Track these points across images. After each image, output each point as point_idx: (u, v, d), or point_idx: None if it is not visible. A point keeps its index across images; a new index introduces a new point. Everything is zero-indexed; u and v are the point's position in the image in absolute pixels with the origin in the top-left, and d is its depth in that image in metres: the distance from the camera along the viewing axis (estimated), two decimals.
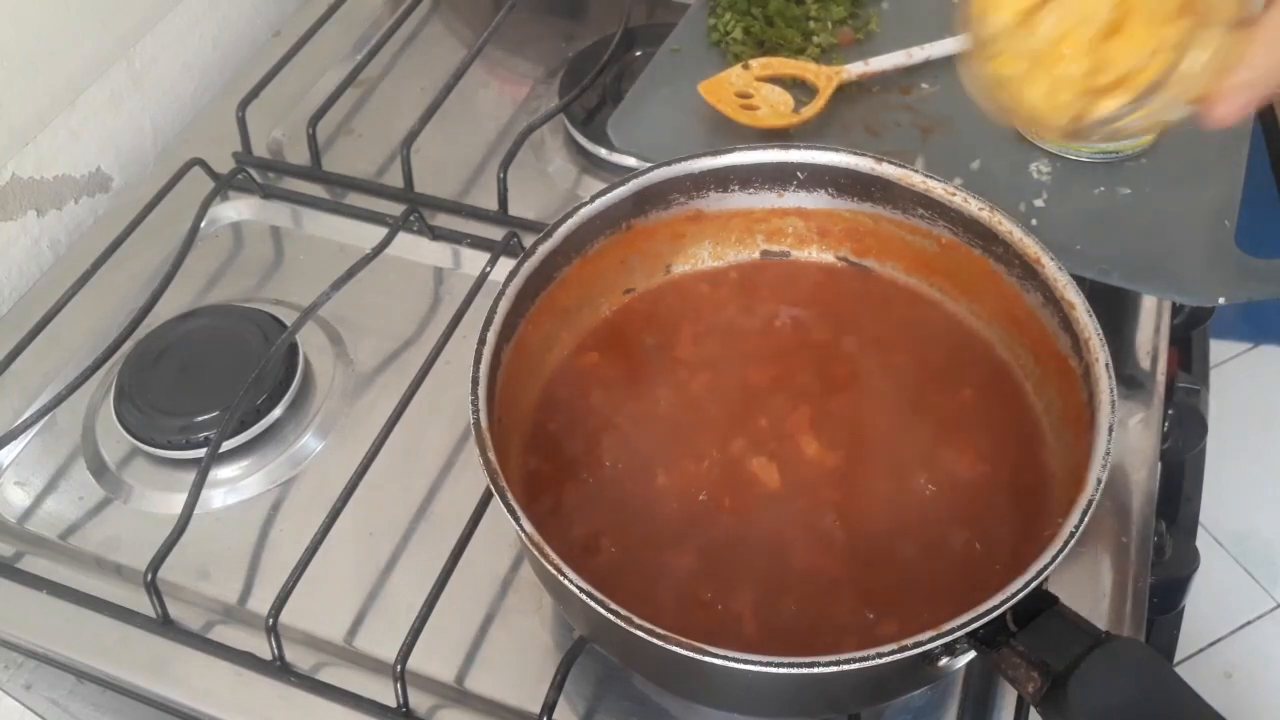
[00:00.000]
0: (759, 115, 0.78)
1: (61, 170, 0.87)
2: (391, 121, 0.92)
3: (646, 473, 0.59)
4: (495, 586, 0.65)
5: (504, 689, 0.62)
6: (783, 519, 0.58)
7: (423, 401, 0.70)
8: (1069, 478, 0.54)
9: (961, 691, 0.61)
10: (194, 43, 0.97)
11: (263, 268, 0.84)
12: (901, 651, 0.46)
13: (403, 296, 0.80)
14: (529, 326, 0.61)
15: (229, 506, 0.70)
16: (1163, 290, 0.70)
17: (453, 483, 0.70)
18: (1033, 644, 0.47)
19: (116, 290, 0.81)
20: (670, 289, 0.68)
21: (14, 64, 0.81)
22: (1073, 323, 0.57)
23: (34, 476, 0.73)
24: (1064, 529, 0.49)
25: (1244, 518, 1.67)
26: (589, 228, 0.63)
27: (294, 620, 0.63)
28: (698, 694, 0.58)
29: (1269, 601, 1.61)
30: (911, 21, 0.86)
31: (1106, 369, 0.54)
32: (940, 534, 0.57)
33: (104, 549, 0.69)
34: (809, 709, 0.57)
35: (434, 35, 1.01)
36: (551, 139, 0.90)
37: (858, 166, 0.64)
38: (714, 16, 0.87)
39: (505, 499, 0.51)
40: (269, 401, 0.72)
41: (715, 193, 0.66)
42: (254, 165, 0.88)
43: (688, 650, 0.46)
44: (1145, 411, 0.71)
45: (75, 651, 0.64)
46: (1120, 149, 0.76)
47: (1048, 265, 0.59)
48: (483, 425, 0.53)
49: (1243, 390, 1.78)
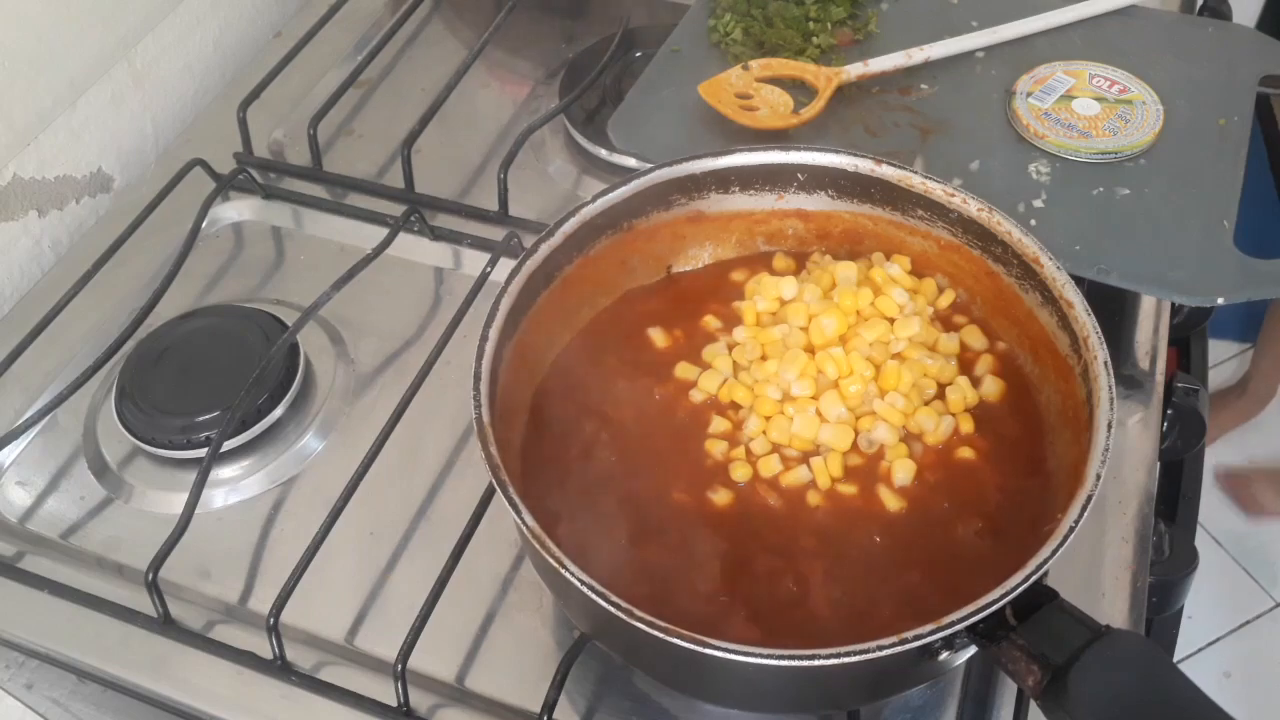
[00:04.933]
0: (758, 116, 0.78)
1: (63, 170, 0.87)
2: (392, 122, 0.92)
3: (647, 469, 0.59)
4: (496, 586, 0.66)
5: (505, 688, 0.62)
6: (784, 512, 0.58)
7: (423, 401, 0.70)
8: (1068, 475, 0.55)
9: (961, 690, 0.61)
10: (195, 43, 0.97)
11: (264, 268, 0.84)
12: (902, 645, 0.46)
13: (403, 297, 0.81)
14: (530, 325, 0.61)
15: (230, 506, 0.70)
16: (1162, 290, 0.70)
17: (453, 482, 0.70)
18: (1032, 638, 0.47)
19: (118, 290, 0.81)
20: (670, 287, 0.68)
21: (15, 64, 0.81)
22: (1071, 321, 0.57)
23: (35, 476, 0.73)
24: (1063, 524, 0.49)
25: (1243, 518, 1.67)
26: (590, 227, 0.63)
27: (295, 620, 0.64)
28: (700, 689, 0.58)
29: (1268, 601, 1.62)
30: (911, 22, 0.87)
31: (1105, 367, 0.54)
32: (939, 529, 0.57)
33: (105, 549, 0.69)
34: (809, 704, 0.57)
35: (434, 36, 1.01)
36: (552, 139, 0.90)
37: (858, 168, 0.64)
38: (714, 17, 0.87)
39: (507, 493, 0.51)
40: (270, 401, 0.72)
41: (716, 194, 0.66)
42: (255, 166, 0.88)
43: (690, 644, 0.47)
44: (1144, 411, 0.71)
45: (76, 651, 0.65)
46: (1120, 149, 0.76)
47: (1046, 265, 0.59)
48: (485, 421, 0.53)
49: None
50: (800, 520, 0.57)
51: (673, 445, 0.61)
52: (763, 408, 0.60)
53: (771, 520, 0.58)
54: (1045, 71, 0.82)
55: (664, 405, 0.62)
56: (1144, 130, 0.77)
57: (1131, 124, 0.78)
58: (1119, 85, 0.80)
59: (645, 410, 0.62)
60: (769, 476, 0.59)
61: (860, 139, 0.79)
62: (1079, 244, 0.71)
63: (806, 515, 0.58)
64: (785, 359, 0.61)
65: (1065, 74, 0.81)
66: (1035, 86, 0.81)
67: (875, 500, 0.58)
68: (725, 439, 0.60)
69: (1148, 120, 0.78)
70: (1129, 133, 0.77)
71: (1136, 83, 0.81)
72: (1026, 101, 0.79)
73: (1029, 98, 0.80)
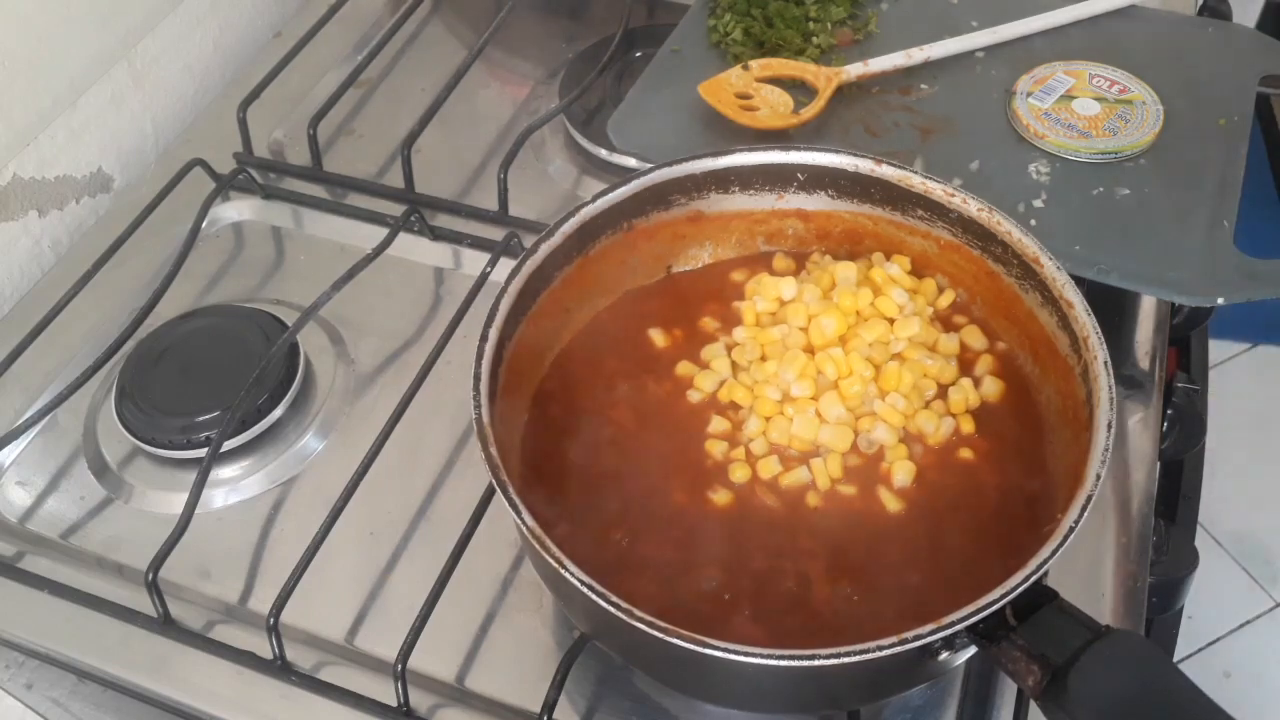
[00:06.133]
0: (759, 116, 0.78)
1: (63, 170, 0.87)
2: (392, 122, 0.92)
3: (647, 469, 0.59)
4: (496, 586, 0.66)
5: (504, 688, 0.62)
6: (784, 513, 0.58)
7: (423, 401, 0.70)
8: (1068, 475, 0.55)
9: (961, 691, 0.61)
10: (195, 43, 0.97)
11: (264, 268, 0.84)
12: (902, 645, 0.46)
13: (403, 297, 0.81)
14: (530, 326, 0.61)
15: (230, 506, 0.70)
16: (1161, 290, 0.70)
17: (453, 482, 0.70)
18: (1032, 638, 0.47)
19: (118, 290, 0.81)
20: (670, 287, 0.68)
21: (15, 64, 0.81)
22: (1071, 321, 0.57)
23: (35, 476, 0.73)
24: (1063, 524, 0.49)
25: (1243, 518, 1.67)
26: (590, 227, 0.63)
27: (295, 620, 0.64)
28: (699, 689, 0.58)
29: (1268, 601, 1.62)
30: (910, 22, 0.87)
31: (1105, 367, 0.54)
32: (940, 529, 0.57)
33: (105, 549, 0.69)
34: (809, 704, 0.57)
35: (434, 36, 1.01)
36: (552, 140, 0.90)
37: (858, 168, 0.64)
38: (714, 17, 0.87)
39: (508, 494, 0.51)
40: (270, 401, 0.72)
41: (716, 194, 0.66)
42: (255, 166, 0.88)
43: (690, 644, 0.46)
44: (1144, 411, 0.71)
45: (76, 651, 0.65)
46: (1120, 149, 0.76)
47: (1046, 265, 0.59)
48: (485, 421, 0.53)
49: (1242, 390, 1.78)
50: (800, 521, 0.57)
51: (673, 445, 0.61)
52: (762, 408, 0.60)
53: (772, 521, 0.58)
54: (1045, 71, 0.82)
55: (664, 405, 0.62)
56: (1144, 130, 0.77)
57: (1131, 124, 0.78)
58: (1119, 85, 0.81)
59: (645, 410, 0.62)
60: (768, 478, 0.59)
61: (860, 139, 0.79)
62: (1079, 244, 0.71)
63: (806, 516, 0.58)
64: (784, 359, 0.61)
65: (1065, 74, 0.81)
66: (1035, 86, 0.81)
67: (875, 501, 0.58)
68: (725, 439, 0.60)
69: (1148, 120, 0.78)
70: (1129, 133, 0.77)
71: (1136, 83, 0.81)
72: (1026, 101, 0.79)
73: (1029, 98, 0.80)
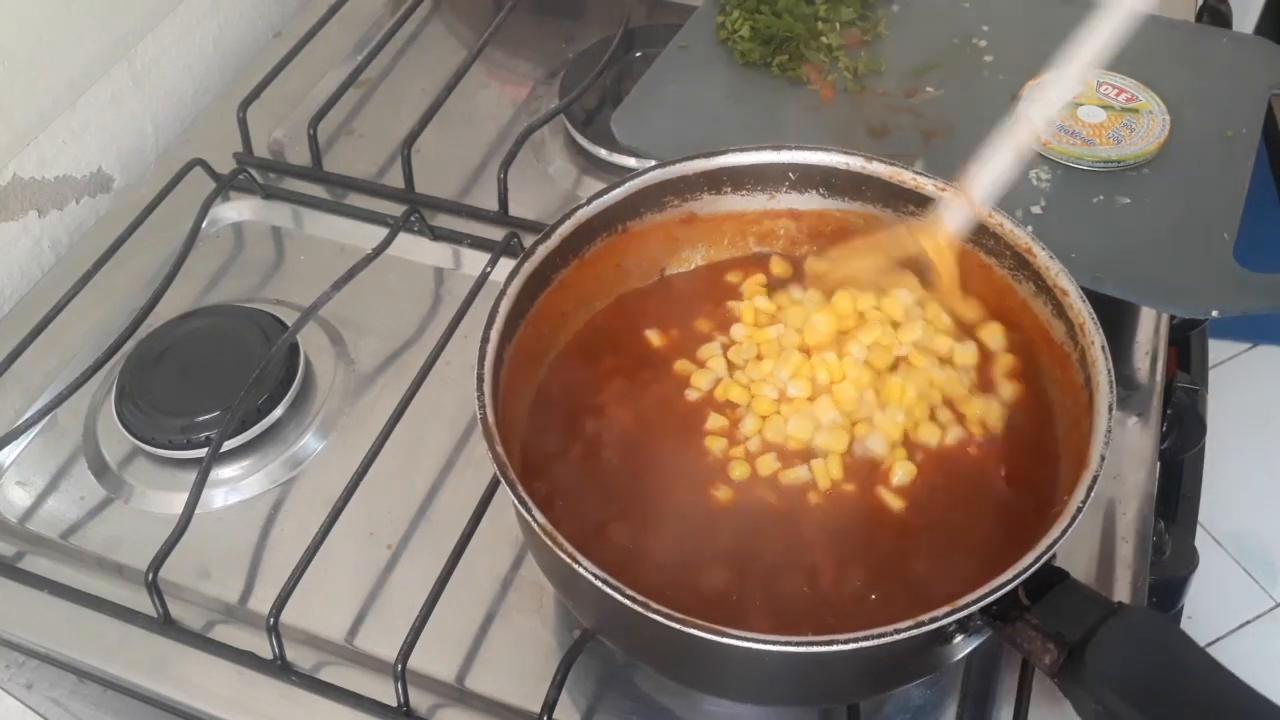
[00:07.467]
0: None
1: (63, 170, 0.87)
2: (392, 122, 0.92)
3: (648, 467, 0.59)
4: (496, 586, 0.66)
5: (505, 688, 0.62)
6: (784, 509, 0.58)
7: (423, 401, 0.70)
8: (1072, 461, 0.55)
9: (961, 690, 0.61)
10: (195, 43, 0.97)
11: (264, 268, 0.84)
12: (918, 628, 0.46)
13: (403, 297, 0.81)
14: (529, 327, 0.61)
15: (230, 506, 0.70)
16: (1155, 300, 0.70)
17: (453, 482, 0.70)
18: (1047, 616, 0.48)
19: (118, 290, 0.81)
20: (665, 289, 0.68)
21: (15, 64, 0.81)
22: (1066, 309, 0.58)
23: (35, 476, 0.73)
24: (1070, 504, 0.50)
25: (1243, 518, 1.67)
26: (585, 230, 0.63)
27: (295, 620, 0.64)
28: (708, 682, 0.58)
29: (1268, 601, 1.62)
30: (921, 25, 0.86)
31: (1103, 350, 0.55)
32: (946, 520, 0.57)
33: (105, 549, 0.69)
34: (816, 695, 0.57)
35: (434, 36, 1.01)
36: (552, 140, 0.90)
37: (848, 165, 0.64)
38: (723, 14, 0.87)
39: (517, 492, 0.51)
40: (270, 401, 0.72)
41: (708, 195, 0.66)
42: (255, 166, 0.88)
43: (709, 634, 0.46)
44: (1144, 411, 0.71)
45: (76, 651, 0.65)
46: (1123, 158, 0.76)
47: (1039, 255, 0.59)
48: (490, 420, 0.53)
49: (1242, 390, 1.78)
50: (803, 516, 0.57)
51: (673, 443, 0.61)
52: (759, 407, 0.61)
53: (774, 516, 0.58)
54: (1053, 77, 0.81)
55: (662, 403, 0.62)
56: (1149, 140, 0.77)
57: (1136, 133, 0.77)
58: (1127, 93, 0.80)
59: (644, 409, 0.62)
60: (766, 475, 0.59)
61: (862, 140, 0.79)
62: (1075, 251, 0.70)
63: (808, 511, 0.58)
64: (780, 359, 0.61)
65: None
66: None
67: (876, 499, 0.58)
68: (724, 435, 0.60)
69: (1153, 130, 0.77)
70: (1133, 141, 0.77)
71: (1145, 91, 0.80)
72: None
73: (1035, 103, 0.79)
